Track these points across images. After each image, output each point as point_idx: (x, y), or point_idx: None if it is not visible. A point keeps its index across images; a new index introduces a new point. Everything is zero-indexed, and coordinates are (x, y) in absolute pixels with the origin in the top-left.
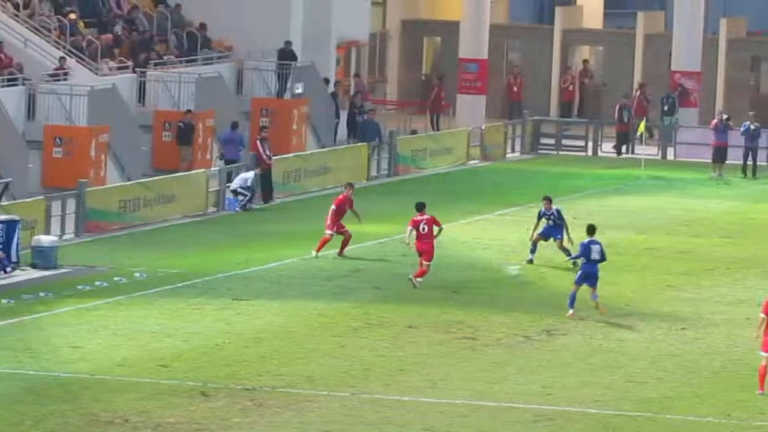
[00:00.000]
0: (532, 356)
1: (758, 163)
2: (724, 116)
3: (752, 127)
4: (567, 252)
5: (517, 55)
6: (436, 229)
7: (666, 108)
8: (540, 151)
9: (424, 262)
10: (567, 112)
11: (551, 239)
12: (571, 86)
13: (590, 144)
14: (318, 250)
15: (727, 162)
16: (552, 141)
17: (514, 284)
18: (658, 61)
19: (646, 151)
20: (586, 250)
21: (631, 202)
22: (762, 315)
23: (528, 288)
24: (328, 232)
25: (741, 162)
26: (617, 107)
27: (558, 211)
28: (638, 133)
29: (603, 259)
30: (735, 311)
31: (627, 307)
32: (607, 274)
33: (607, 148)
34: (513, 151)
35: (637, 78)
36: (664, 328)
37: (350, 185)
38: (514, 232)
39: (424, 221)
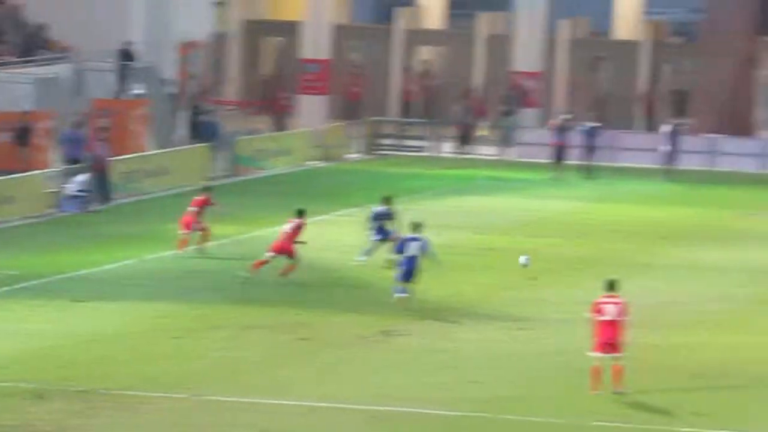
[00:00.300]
0: (370, 357)
1: (597, 163)
2: (565, 116)
3: (592, 127)
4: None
5: (358, 56)
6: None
7: (505, 109)
8: (380, 152)
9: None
10: (408, 112)
11: (388, 239)
12: (413, 87)
13: (430, 144)
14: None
15: (566, 162)
16: (392, 141)
17: (353, 285)
18: (499, 62)
19: (485, 151)
20: (402, 246)
21: (471, 202)
22: (590, 315)
23: (366, 289)
24: (186, 231)
25: (580, 162)
26: (458, 107)
27: (391, 212)
28: (478, 134)
29: (425, 255)
30: (573, 311)
31: (463, 308)
32: (446, 275)
33: (448, 148)
34: (353, 151)
35: (479, 79)
36: (502, 329)
37: (208, 189)
38: (353, 232)
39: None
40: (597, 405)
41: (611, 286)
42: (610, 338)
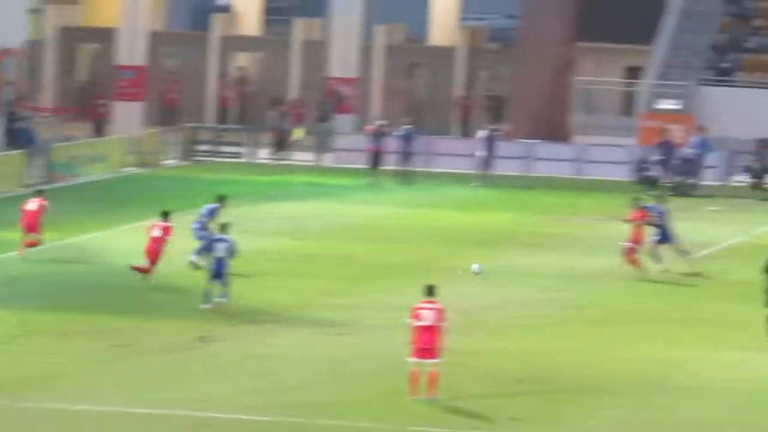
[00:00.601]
0: (186, 363)
1: (413, 169)
2: (382, 122)
3: (408, 132)
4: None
5: (174, 62)
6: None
7: (322, 115)
8: (197, 158)
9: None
10: (225, 118)
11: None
12: (229, 93)
13: (247, 151)
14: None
15: (383, 168)
16: (209, 148)
17: (171, 290)
18: (315, 68)
19: (302, 157)
20: (209, 245)
21: (288, 208)
22: (410, 320)
23: (184, 294)
24: (31, 233)
25: (397, 168)
26: (274, 114)
27: (217, 211)
28: (294, 139)
29: (232, 256)
30: (390, 317)
31: (280, 313)
32: (263, 280)
33: (264, 154)
34: (170, 158)
35: (295, 84)
36: (319, 334)
37: (40, 192)
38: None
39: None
40: (414, 410)
41: (430, 291)
42: (427, 343)
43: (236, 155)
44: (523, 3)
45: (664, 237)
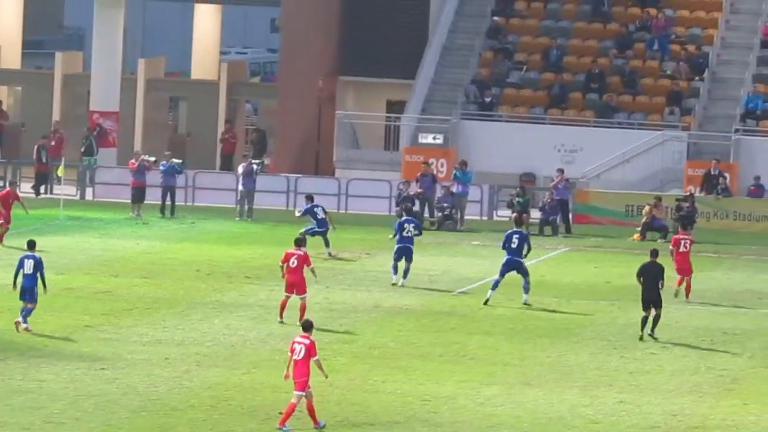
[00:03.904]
0: None
1: (177, 203)
2: (146, 157)
3: (171, 166)
4: None
5: None
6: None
7: (84, 148)
8: None
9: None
10: None
11: None
12: None
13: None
14: None
15: (145, 202)
16: None
17: None
18: (77, 101)
19: (64, 191)
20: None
21: (50, 242)
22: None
23: None
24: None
25: (160, 202)
26: (36, 147)
27: None
28: (56, 174)
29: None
30: (154, 351)
31: (45, 348)
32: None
33: (26, 188)
34: None
35: (56, 117)
36: (83, 368)
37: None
38: None
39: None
40: None
41: (306, 327)
42: (300, 376)
43: None
44: (284, 37)
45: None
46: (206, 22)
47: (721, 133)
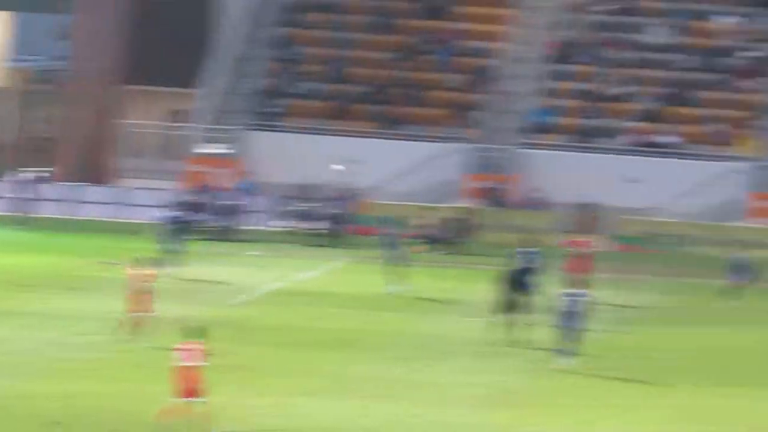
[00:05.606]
0: None
1: None
2: None
3: None
4: None
5: None
6: None
7: None
8: None
9: None
10: None
11: None
12: None
13: None
14: None
15: None
16: None
17: None
18: None
19: None
20: None
21: None
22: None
23: None
24: None
25: None
26: None
27: None
28: None
29: None
30: None
31: None
32: None
33: None
34: None
35: None
36: None
37: None
38: None
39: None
40: None
41: (196, 333)
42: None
43: None
44: (71, 44)
45: None
46: None
47: (505, 146)
